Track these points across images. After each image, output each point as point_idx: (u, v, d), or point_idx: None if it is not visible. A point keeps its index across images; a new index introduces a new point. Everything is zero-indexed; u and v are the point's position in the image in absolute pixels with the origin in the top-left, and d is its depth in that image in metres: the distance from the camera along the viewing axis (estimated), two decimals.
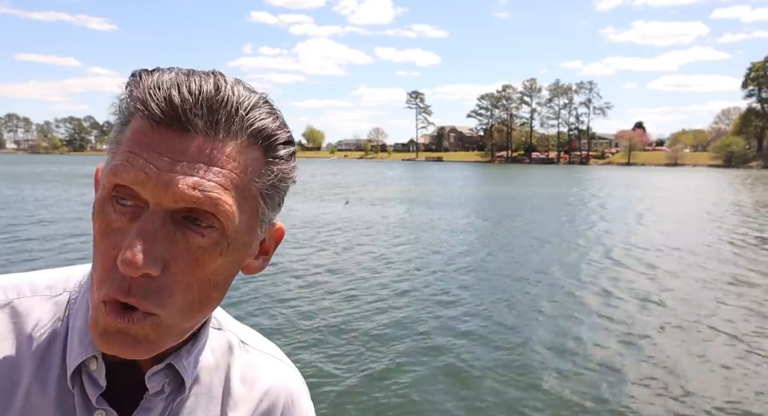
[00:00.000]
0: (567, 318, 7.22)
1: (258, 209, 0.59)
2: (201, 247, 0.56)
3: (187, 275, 0.56)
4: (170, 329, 0.57)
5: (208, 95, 0.54)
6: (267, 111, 0.58)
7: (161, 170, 0.53)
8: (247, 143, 0.57)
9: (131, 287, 0.54)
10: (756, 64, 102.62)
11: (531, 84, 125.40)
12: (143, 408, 0.64)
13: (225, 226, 0.56)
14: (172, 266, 0.55)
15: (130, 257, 0.52)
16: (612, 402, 4.83)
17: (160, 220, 0.54)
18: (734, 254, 12.28)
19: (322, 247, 12.05)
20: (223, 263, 0.58)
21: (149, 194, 0.54)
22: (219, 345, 0.73)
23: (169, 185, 0.53)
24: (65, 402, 0.61)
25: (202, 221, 0.55)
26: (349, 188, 32.92)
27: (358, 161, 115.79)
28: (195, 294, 0.57)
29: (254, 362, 0.75)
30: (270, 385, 0.75)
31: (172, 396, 0.66)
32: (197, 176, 0.54)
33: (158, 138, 0.54)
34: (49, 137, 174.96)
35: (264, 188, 0.59)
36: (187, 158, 0.54)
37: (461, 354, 5.85)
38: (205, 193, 0.54)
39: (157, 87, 0.54)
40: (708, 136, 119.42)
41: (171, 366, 0.65)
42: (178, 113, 0.53)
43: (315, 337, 6.18)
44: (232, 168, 0.55)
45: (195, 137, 0.54)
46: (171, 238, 0.55)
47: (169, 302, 0.55)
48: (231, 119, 0.55)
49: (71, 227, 13.74)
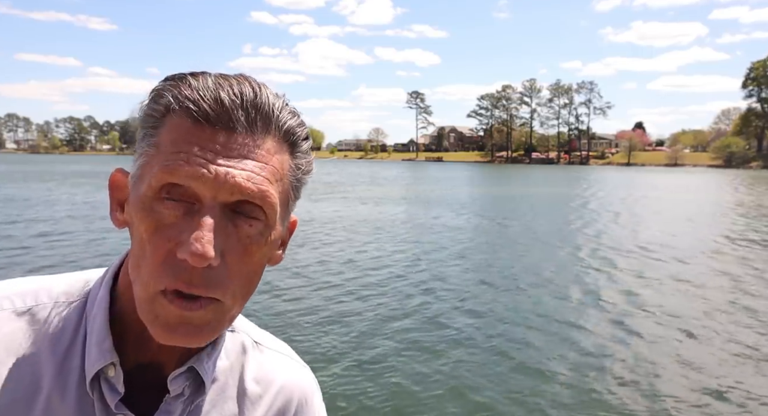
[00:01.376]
0: (566, 317, 7.19)
1: (289, 201, 0.65)
2: (249, 236, 0.59)
3: (240, 264, 0.59)
4: (227, 314, 0.61)
5: (249, 97, 0.59)
6: (291, 111, 0.63)
7: (217, 165, 0.57)
8: (281, 140, 0.62)
9: (193, 278, 0.56)
10: (756, 64, 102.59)
11: (531, 84, 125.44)
12: (163, 411, 0.65)
13: (269, 216, 0.60)
14: (227, 256, 0.58)
15: (201, 250, 0.55)
16: (609, 400, 4.81)
17: (217, 213, 0.57)
18: (736, 253, 12.28)
19: (314, 246, 12.03)
20: (265, 252, 0.62)
21: (207, 188, 0.57)
22: (233, 346, 0.75)
23: (226, 179, 0.57)
24: (85, 408, 0.63)
25: (249, 213, 0.59)
26: (338, 187, 32.88)
27: (357, 161, 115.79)
28: (245, 282, 0.61)
29: (268, 361, 0.77)
30: (284, 384, 0.77)
31: (191, 399, 0.67)
32: (248, 170, 0.58)
33: (207, 136, 0.58)
34: (49, 137, 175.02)
35: (294, 181, 0.64)
36: (235, 154, 0.58)
37: (459, 352, 5.83)
38: (257, 185, 0.58)
39: (205, 88, 0.58)
40: (708, 136, 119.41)
41: (192, 369, 0.66)
42: (228, 111, 0.58)
43: (315, 335, 6.16)
44: (272, 163, 0.60)
45: (239, 135, 0.58)
46: (226, 230, 0.58)
47: (230, 291, 0.59)
48: (268, 118, 0.60)
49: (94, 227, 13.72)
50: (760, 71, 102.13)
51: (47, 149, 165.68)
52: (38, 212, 16.81)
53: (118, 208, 0.66)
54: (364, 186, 34.99)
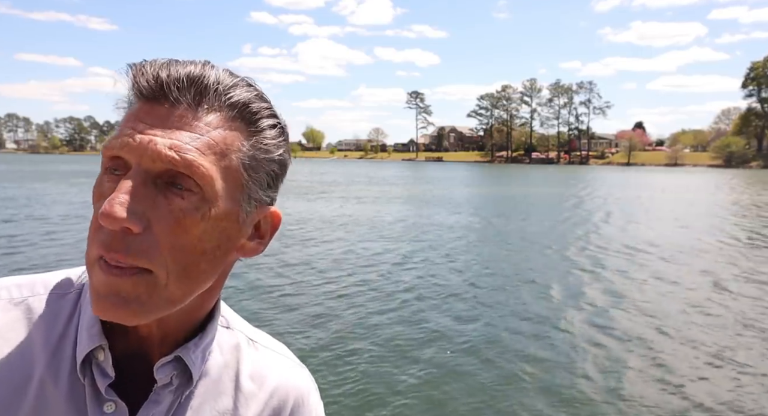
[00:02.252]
0: (551, 315, 7.17)
1: (241, 180, 0.62)
2: (182, 209, 0.58)
3: (171, 237, 0.58)
4: (161, 291, 0.58)
5: (192, 73, 0.59)
6: (248, 91, 0.63)
7: (143, 133, 0.57)
8: (229, 116, 0.61)
9: (113, 242, 0.56)
10: (756, 63, 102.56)
11: (531, 84, 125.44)
12: (152, 401, 0.65)
13: (204, 190, 0.58)
14: (155, 227, 0.57)
15: (108, 209, 0.54)
16: (609, 399, 4.78)
17: (140, 179, 0.57)
18: (722, 251, 12.25)
19: (311, 244, 12.01)
20: (206, 228, 0.60)
21: (131, 155, 0.57)
22: (228, 343, 0.75)
23: (148, 146, 0.57)
24: (76, 394, 0.63)
25: (183, 185, 0.58)
26: (332, 187, 32.87)
27: (357, 161, 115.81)
28: (184, 259, 0.59)
29: (263, 360, 0.77)
30: (279, 383, 0.77)
31: (181, 390, 0.67)
32: (175, 138, 0.57)
33: (146, 111, 0.59)
34: (49, 137, 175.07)
35: (245, 159, 0.62)
36: (168, 124, 0.58)
37: (456, 351, 5.81)
38: (181, 154, 0.57)
39: (147, 66, 0.60)
40: (708, 136, 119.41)
41: (179, 359, 0.67)
42: (163, 87, 0.58)
43: (305, 335, 6.13)
44: (211, 136, 0.59)
45: (179, 110, 0.59)
46: (153, 199, 0.57)
47: (158, 261, 0.57)
48: (211, 93, 0.60)
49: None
50: (760, 71, 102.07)
51: (47, 149, 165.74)
52: (34, 210, 16.79)
53: None
54: (362, 186, 34.98)
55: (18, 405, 0.62)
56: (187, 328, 0.68)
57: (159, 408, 0.65)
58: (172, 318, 0.65)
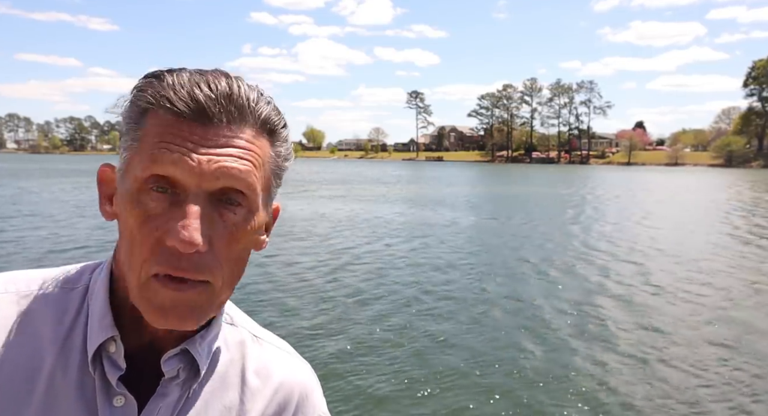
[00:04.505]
0: (564, 315, 7.14)
1: (271, 187, 0.68)
2: (234, 224, 0.63)
3: (227, 250, 0.63)
4: (217, 298, 0.64)
5: (224, 91, 0.62)
6: (267, 101, 0.67)
7: (199, 154, 0.60)
8: (258, 130, 0.65)
9: (182, 263, 0.60)
10: (757, 63, 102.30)
11: (531, 84, 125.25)
12: (160, 394, 0.67)
13: (251, 203, 0.64)
14: (215, 243, 0.61)
15: (188, 237, 0.58)
16: (608, 399, 4.75)
17: (202, 201, 0.60)
18: (738, 252, 12.21)
19: (306, 245, 11.98)
20: (250, 237, 0.65)
21: (190, 176, 0.60)
22: (233, 340, 0.77)
23: (209, 167, 0.60)
24: (86, 386, 0.65)
25: (232, 200, 0.62)
26: (332, 187, 32.82)
27: (357, 161, 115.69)
28: (236, 268, 0.65)
29: (268, 356, 0.79)
30: (284, 379, 0.79)
31: (188, 384, 0.69)
32: (229, 158, 0.61)
33: (186, 130, 0.61)
34: (49, 137, 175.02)
35: (274, 168, 0.67)
36: (215, 144, 0.61)
37: (453, 349, 5.78)
38: (240, 171, 0.61)
39: (180, 85, 0.61)
40: (708, 135, 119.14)
41: (186, 352, 0.69)
42: (203, 106, 0.61)
43: (309, 333, 6.10)
44: (253, 150, 0.63)
45: (217, 127, 0.62)
46: (211, 218, 0.61)
47: (219, 274, 0.62)
48: (244, 110, 0.63)
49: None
50: (761, 70, 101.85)
51: (48, 148, 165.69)
52: (36, 208, 16.77)
53: (107, 201, 0.69)
54: (363, 185, 34.93)
55: (28, 395, 0.63)
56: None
57: (166, 401, 0.67)
58: None
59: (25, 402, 0.63)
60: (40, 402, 0.63)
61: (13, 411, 0.62)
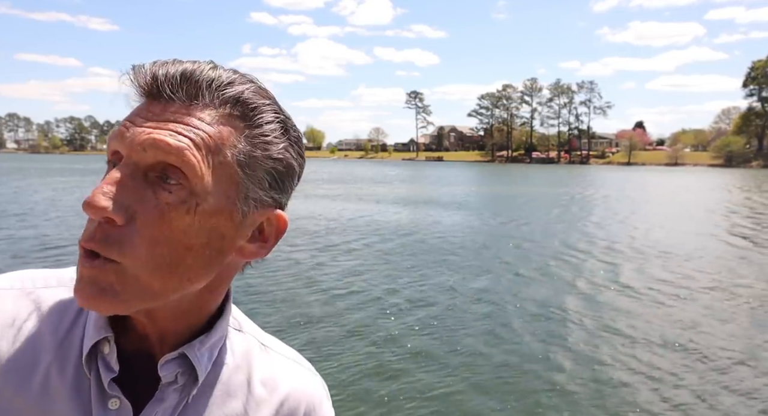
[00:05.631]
0: (563, 316, 7.16)
1: (236, 178, 0.61)
2: (168, 203, 0.57)
3: (153, 230, 0.57)
4: (135, 282, 0.58)
5: (187, 71, 0.60)
6: (247, 87, 0.62)
7: (136, 126, 0.58)
8: (224, 113, 0.60)
9: (94, 233, 0.56)
10: (757, 63, 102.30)
11: (531, 84, 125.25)
12: (157, 399, 0.65)
13: (192, 183, 0.58)
14: (139, 220, 0.57)
15: (90, 198, 0.55)
16: (608, 401, 4.76)
17: (128, 171, 0.57)
18: (740, 252, 12.22)
19: (307, 244, 11.99)
20: (192, 223, 0.59)
21: (123, 147, 0.58)
22: (239, 347, 0.74)
23: (139, 136, 0.57)
24: (82, 387, 0.63)
25: (172, 179, 0.58)
26: (333, 187, 32.83)
27: (356, 161, 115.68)
28: (164, 253, 0.58)
29: (275, 366, 0.76)
30: (291, 390, 0.75)
31: (187, 390, 0.66)
32: (164, 131, 0.58)
33: (144, 107, 0.60)
34: (49, 137, 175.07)
35: (240, 156, 0.61)
36: (162, 118, 0.59)
37: (451, 350, 5.79)
38: (169, 146, 0.57)
39: (148, 65, 0.61)
40: (708, 136, 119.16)
41: (185, 357, 0.66)
42: (160, 83, 0.59)
43: (309, 336, 6.11)
44: (204, 130, 0.59)
45: (174, 105, 0.59)
46: (141, 193, 0.57)
47: (130, 253, 0.57)
48: (204, 89, 0.60)
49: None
50: (760, 71, 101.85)
51: (48, 148, 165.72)
52: (36, 208, 16.80)
53: None
54: (363, 185, 34.93)
55: (23, 393, 0.62)
56: (189, 327, 0.67)
57: (164, 406, 0.65)
58: (166, 314, 0.64)
59: (20, 400, 0.62)
60: (35, 401, 0.62)
61: (7, 408, 0.61)
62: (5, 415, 0.61)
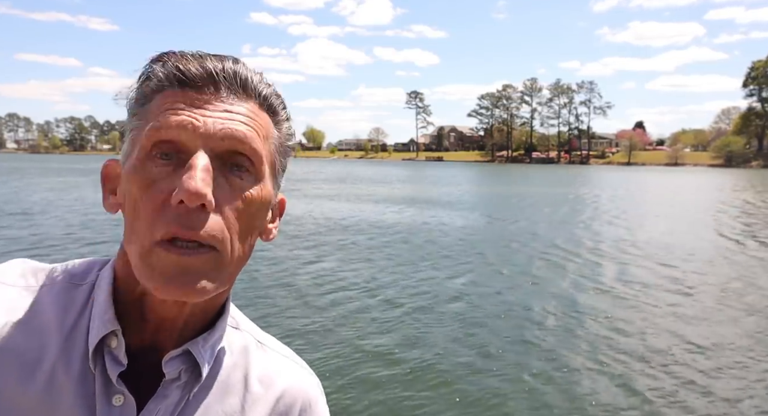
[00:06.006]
0: (563, 316, 7.13)
1: (276, 164, 0.67)
2: (242, 188, 0.61)
3: (235, 216, 0.60)
4: (225, 268, 0.60)
5: (231, 65, 0.64)
6: (267, 83, 0.67)
7: (204, 116, 0.60)
8: (260, 105, 0.65)
9: (189, 220, 0.57)
10: (757, 63, 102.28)
11: (531, 84, 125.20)
12: (160, 395, 0.65)
13: (258, 170, 0.63)
14: (223, 206, 0.59)
15: (194, 187, 0.55)
16: (607, 402, 4.74)
17: (209, 159, 0.58)
18: (740, 252, 12.20)
19: (307, 245, 11.96)
20: (259, 207, 0.64)
21: (196, 137, 0.59)
22: (237, 344, 0.75)
23: (215, 126, 0.59)
24: (87, 383, 0.63)
25: (239, 166, 0.61)
26: (333, 186, 32.81)
27: (356, 161, 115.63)
28: (242, 237, 0.62)
29: (272, 363, 0.77)
30: (287, 387, 0.76)
31: (189, 387, 0.67)
32: (234, 121, 0.61)
33: (193, 97, 0.61)
34: (49, 137, 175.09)
35: (278, 146, 0.67)
36: (221, 109, 0.61)
37: (451, 351, 5.77)
38: (245, 136, 0.61)
39: (190, 57, 0.63)
40: (708, 136, 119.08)
41: (188, 354, 0.66)
42: (212, 75, 0.62)
43: (315, 337, 6.08)
44: (258, 121, 0.64)
45: (223, 96, 0.62)
46: (217, 181, 0.59)
47: (225, 238, 0.59)
48: (249, 85, 0.64)
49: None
50: (760, 71, 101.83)
51: (48, 148, 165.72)
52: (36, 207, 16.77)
53: (111, 194, 0.68)
54: (364, 185, 34.90)
55: (28, 388, 0.62)
56: (201, 321, 0.68)
57: (166, 403, 0.65)
58: (198, 306, 0.66)
59: (26, 395, 0.62)
60: (40, 396, 0.62)
61: (13, 403, 0.61)
62: (11, 410, 0.61)
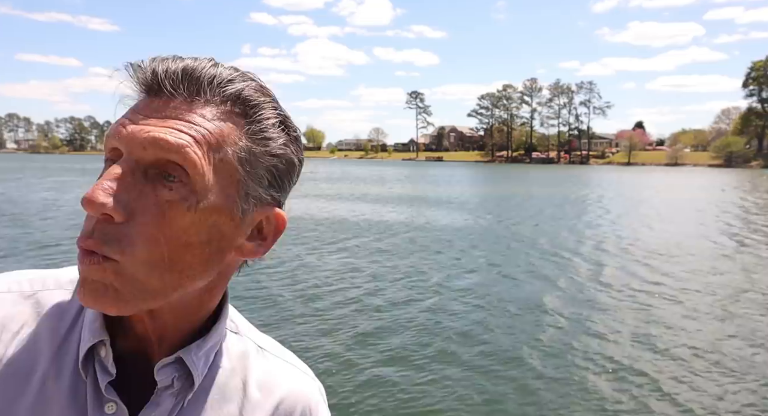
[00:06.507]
0: (564, 315, 7.14)
1: (237, 175, 0.60)
2: (168, 200, 0.56)
3: (153, 228, 0.56)
4: (134, 281, 0.57)
5: (188, 67, 0.59)
6: (248, 84, 0.62)
7: (135, 123, 0.57)
8: (225, 110, 0.60)
9: (93, 231, 0.55)
10: (757, 63, 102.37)
11: (531, 84, 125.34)
12: (153, 403, 0.64)
13: (193, 181, 0.57)
14: (139, 217, 0.56)
15: (90, 194, 0.53)
16: (606, 402, 4.74)
17: (128, 167, 0.56)
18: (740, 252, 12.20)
19: (307, 245, 11.97)
20: (193, 221, 0.58)
21: (122, 143, 0.57)
22: (236, 350, 0.73)
23: (139, 134, 0.56)
24: (78, 391, 0.62)
25: (170, 176, 0.57)
26: (333, 186, 32.83)
27: (356, 161, 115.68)
28: (163, 251, 0.57)
29: (272, 369, 0.75)
30: (287, 393, 0.75)
31: (183, 394, 0.66)
32: (165, 129, 0.56)
33: (144, 103, 0.59)
34: (49, 137, 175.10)
35: (241, 153, 0.60)
36: (162, 115, 0.57)
37: (452, 352, 5.77)
38: (168, 143, 0.56)
39: (148, 62, 0.60)
40: (708, 136, 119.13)
41: (181, 361, 0.65)
42: (160, 80, 0.58)
43: (317, 341, 6.08)
44: (205, 126, 0.58)
45: (175, 102, 0.58)
46: (140, 190, 0.56)
47: (129, 251, 0.55)
48: (206, 85, 0.59)
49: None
50: (760, 71, 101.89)
51: (48, 148, 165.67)
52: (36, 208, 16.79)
53: None
54: (363, 185, 34.93)
55: (20, 397, 0.61)
56: (188, 329, 0.67)
57: (159, 411, 0.64)
58: (168, 316, 0.64)
59: (17, 404, 0.61)
60: (32, 405, 0.61)
61: (5, 414, 0.60)
62: None
